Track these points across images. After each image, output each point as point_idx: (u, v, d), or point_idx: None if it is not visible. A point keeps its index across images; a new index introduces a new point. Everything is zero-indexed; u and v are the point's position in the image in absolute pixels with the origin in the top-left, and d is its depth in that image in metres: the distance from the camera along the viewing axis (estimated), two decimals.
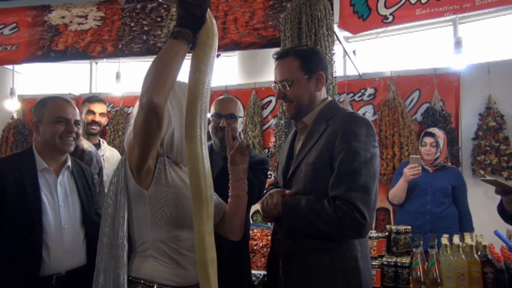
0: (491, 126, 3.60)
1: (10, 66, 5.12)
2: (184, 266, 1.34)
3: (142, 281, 1.30)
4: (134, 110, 1.39)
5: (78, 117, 1.89)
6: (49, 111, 1.80)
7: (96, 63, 5.92)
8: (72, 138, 1.81)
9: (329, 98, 1.66)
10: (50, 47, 3.69)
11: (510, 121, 3.59)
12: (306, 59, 1.59)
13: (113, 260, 1.30)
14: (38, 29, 3.73)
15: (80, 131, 1.93)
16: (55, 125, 1.78)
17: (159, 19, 3.52)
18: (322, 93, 1.63)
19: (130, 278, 1.31)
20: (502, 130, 3.58)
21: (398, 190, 3.03)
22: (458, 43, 3.54)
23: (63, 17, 3.71)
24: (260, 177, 2.13)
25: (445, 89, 3.80)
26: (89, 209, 1.88)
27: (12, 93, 4.98)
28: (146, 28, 3.54)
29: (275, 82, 1.63)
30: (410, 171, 2.89)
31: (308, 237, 1.47)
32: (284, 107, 1.65)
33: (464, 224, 2.94)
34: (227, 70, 5.21)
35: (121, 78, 4.83)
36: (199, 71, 1.21)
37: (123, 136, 2.76)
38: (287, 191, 1.53)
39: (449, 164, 3.26)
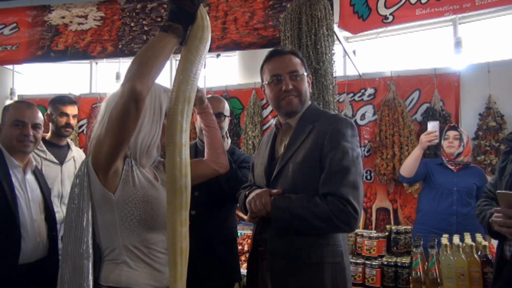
0: (491, 126, 3.60)
1: (10, 66, 5.12)
2: (159, 269, 1.30)
3: None
4: (101, 109, 1.37)
5: (38, 121, 1.99)
6: (9, 114, 1.95)
7: (96, 63, 5.92)
8: (29, 141, 1.93)
9: (309, 102, 1.70)
10: (50, 47, 3.69)
11: (510, 121, 3.59)
12: (302, 59, 1.67)
13: (77, 270, 1.24)
14: (38, 29, 3.73)
15: (40, 135, 2.02)
16: (12, 128, 1.92)
17: (159, 19, 3.52)
18: None
19: (103, 287, 1.26)
20: (502, 130, 3.57)
21: (410, 159, 2.85)
22: (458, 43, 3.54)
23: (63, 17, 3.70)
24: (247, 174, 2.16)
25: (445, 89, 3.80)
26: (51, 206, 2.02)
27: (12, 93, 4.99)
28: (146, 28, 3.53)
29: (275, 76, 1.61)
30: (426, 137, 2.76)
31: (296, 235, 1.48)
32: (286, 100, 1.61)
33: None
34: (227, 70, 5.21)
35: (121, 78, 4.81)
36: (187, 60, 1.21)
37: None
38: (274, 191, 1.54)
39: (473, 164, 3.15)
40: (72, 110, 2.80)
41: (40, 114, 2.04)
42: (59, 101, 2.81)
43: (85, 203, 1.27)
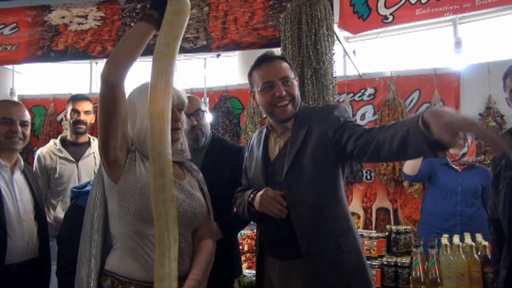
0: (491, 126, 3.60)
1: (10, 66, 5.11)
2: (149, 262, 1.34)
3: (111, 274, 1.35)
4: None
5: (25, 118, 1.99)
6: None
7: (96, 63, 5.91)
8: (17, 138, 1.92)
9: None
10: (50, 47, 3.69)
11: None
12: (290, 64, 1.68)
13: (88, 251, 1.38)
14: (38, 29, 3.73)
15: (28, 132, 2.03)
16: (0, 126, 1.91)
17: None
18: None
19: (104, 270, 1.36)
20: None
21: None
22: (458, 43, 3.54)
23: (63, 17, 3.70)
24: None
25: (445, 89, 3.79)
26: (41, 206, 2.00)
27: (12, 93, 4.97)
28: None
29: (268, 83, 1.61)
30: None
31: (329, 227, 1.51)
32: (280, 109, 1.62)
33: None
34: (227, 70, 5.21)
35: None
36: (159, 36, 1.26)
37: None
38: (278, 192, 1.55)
39: (478, 164, 3.12)
40: (83, 106, 2.83)
41: (27, 113, 2.03)
42: (72, 99, 2.87)
43: (99, 193, 1.39)
